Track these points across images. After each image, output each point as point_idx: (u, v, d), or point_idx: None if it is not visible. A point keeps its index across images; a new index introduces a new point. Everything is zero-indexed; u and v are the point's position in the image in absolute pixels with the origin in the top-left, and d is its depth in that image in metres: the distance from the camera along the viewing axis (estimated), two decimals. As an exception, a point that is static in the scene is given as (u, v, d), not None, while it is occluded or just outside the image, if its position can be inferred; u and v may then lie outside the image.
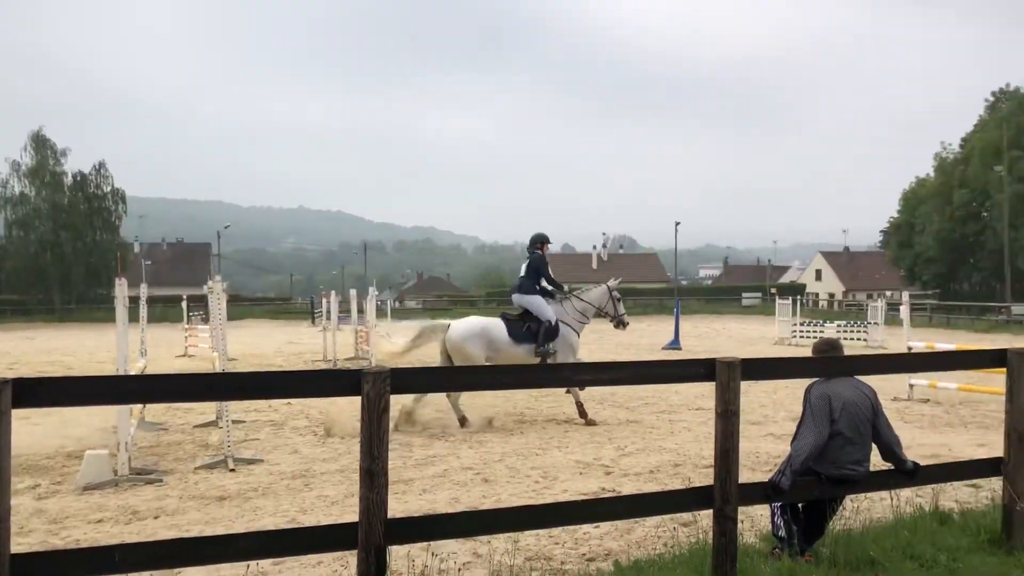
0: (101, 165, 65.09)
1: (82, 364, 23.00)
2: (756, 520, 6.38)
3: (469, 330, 12.00)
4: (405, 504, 7.35)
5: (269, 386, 4.69)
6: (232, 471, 9.04)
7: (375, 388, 4.19)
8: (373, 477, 4.18)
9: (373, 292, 22.40)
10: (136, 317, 13.32)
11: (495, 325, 12.21)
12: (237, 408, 11.97)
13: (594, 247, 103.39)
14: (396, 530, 4.34)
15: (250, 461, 9.48)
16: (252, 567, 5.16)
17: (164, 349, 25.56)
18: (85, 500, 7.87)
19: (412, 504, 7.47)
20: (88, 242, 62.79)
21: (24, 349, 30.01)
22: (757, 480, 5.62)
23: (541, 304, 12.35)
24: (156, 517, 7.23)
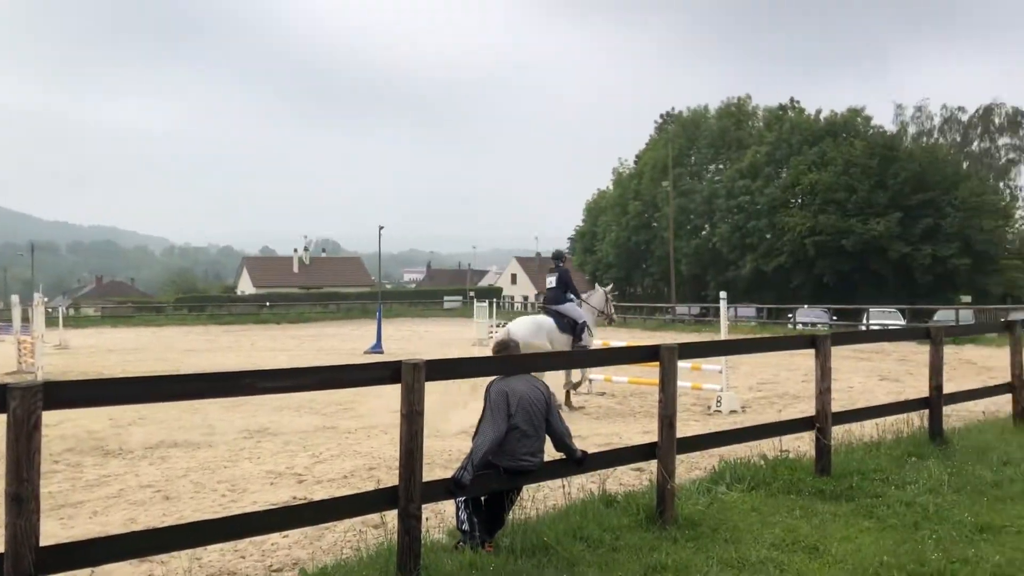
0: None
1: None
2: (447, 517, 6.58)
3: (528, 329, 13.41)
4: (71, 530, 6.71)
5: None
6: None
7: (24, 405, 3.78)
8: (21, 503, 3.78)
9: (40, 298, 20.19)
10: None
11: (548, 320, 13.84)
12: None
13: (295, 250, 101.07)
14: (51, 558, 3.95)
15: None
16: None
17: None
18: None
19: (80, 529, 6.83)
20: None
21: None
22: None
23: (575, 309, 14.17)
24: None
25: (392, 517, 5.09)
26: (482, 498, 5.63)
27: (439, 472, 8.09)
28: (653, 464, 6.32)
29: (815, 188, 57.44)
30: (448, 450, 9.90)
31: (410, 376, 4.91)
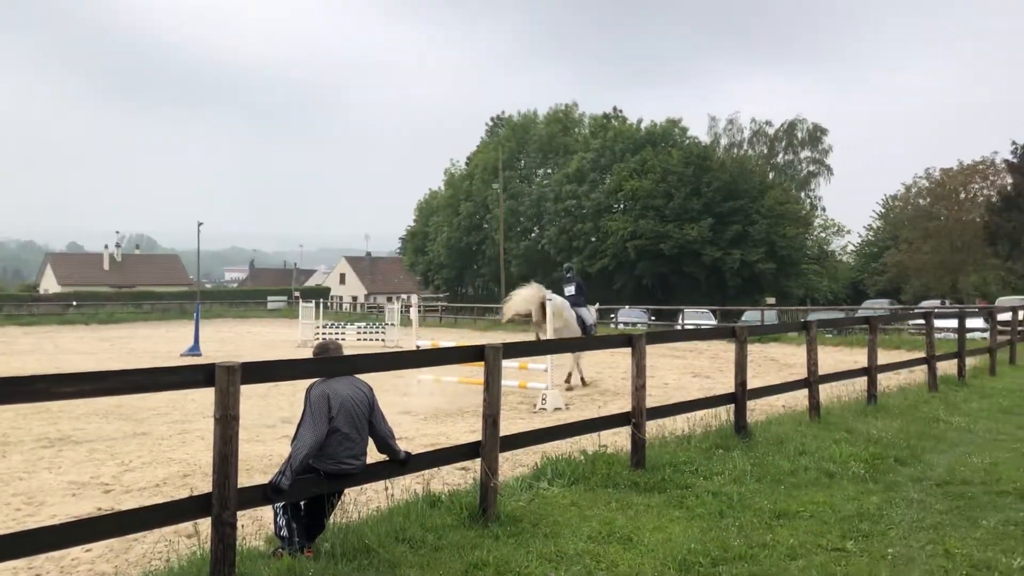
0: None
1: None
2: (266, 523, 6.37)
3: (565, 304, 16.43)
4: None
5: None
6: None
7: None
8: None
9: None
10: None
11: (572, 311, 16.69)
12: None
13: (106, 246, 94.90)
14: None
15: None
16: None
17: None
18: None
19: None
20: None
21: None
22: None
23: (589, 315, 17.38)
24: None
25: (206, 525, 4.88)
26: (302, 503, 5.50)
27: (259, 478, 7.83)
28: (478, 463, 6.39)
29: (636, 194, 59.95)
30: (269, 455, 9.61)
31: (224, 379, 4.73)
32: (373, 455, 5.73)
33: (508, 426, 9.53)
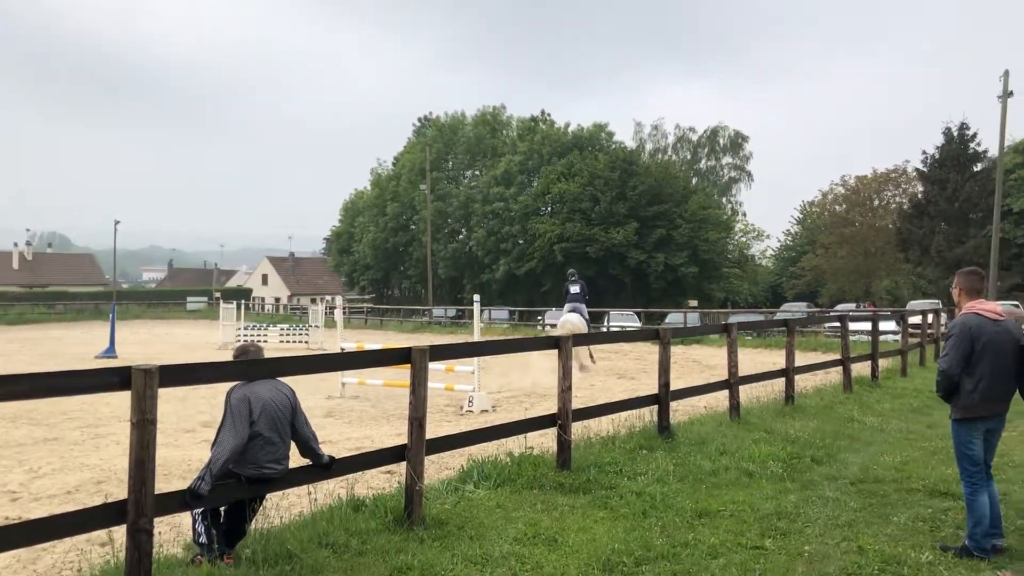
0: None
1: None
2: (184, 530, 6.21)
3: (581, 320, 18.09)
4: None
5: None
6: None
7: None
8: None
9: None
10: None
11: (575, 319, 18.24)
12: None
13: (16, 244, 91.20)
14: None
15: None
16: None
17: None
18: None
19: None
20: None
21: None
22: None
23: (586, 312, 18.86)
24: None
25: (121, 533, 4.72)
26: (221, 508, 5.37)
27: (177, 483, 7.64)
28: (403, 466, 6.33)
29: (563, 197, 60.40)
30: (187, 459, 9.38)
31: (141, 382, 4.59)
32: (296, 459, 5.63)
33: (434, 429, 9.50)
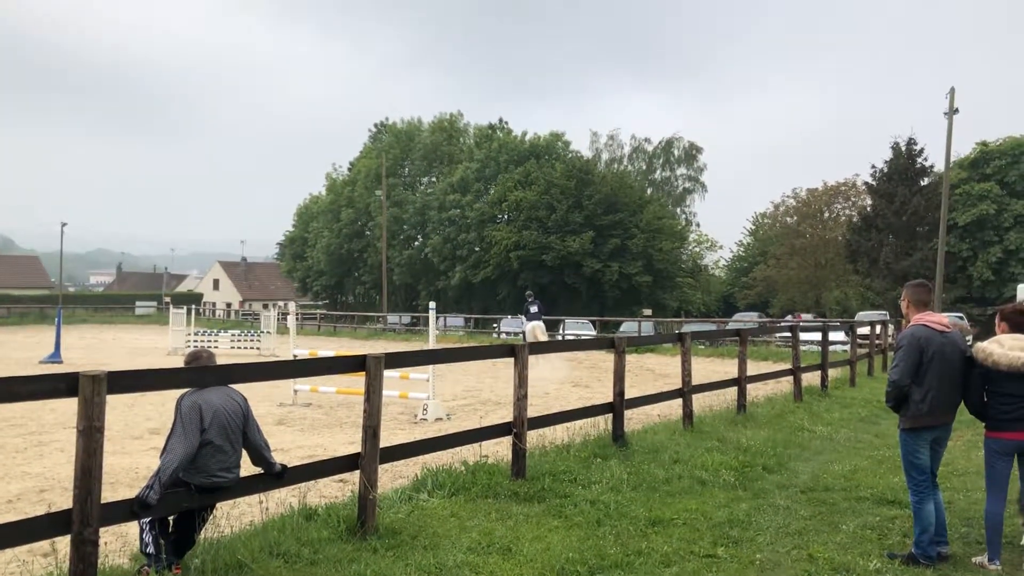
0: None
1: None
2: (131, 540, 6.08)
3: (541, 325, 24.63)
4: None
5: None
6: None
7: None
8: None
9: None
10: None
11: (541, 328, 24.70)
12: None
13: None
14: None
15: None
16: None
17: None
18: None
19: None
20: None
21: None
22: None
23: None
24: None
25: (65, 543, 4.60)
26: (170, 518, 5.26)
27: (124, 492, 7.48)
28: (357, 475, 6.27)
29: (520, 205, 60.51)
30: (136, 467, 9.19)
31: (89, 389, 4.48)
32: (248, 467, 5.55)
33: (388, 437, 9.43)
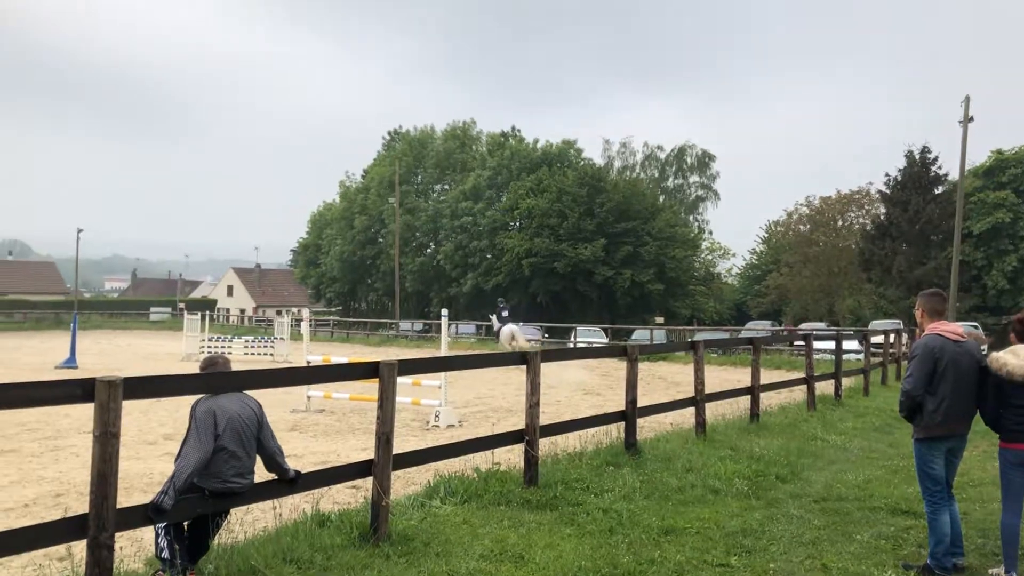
0: None
1: None
2: (146, 544, 6.11)
3: (517, 329, 26.99)
4: None
5: None
6: None
7: None
8: None
9: None
10: None
11: (518, 329, 27.12)
12: None
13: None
14: None
15: None
16: None
17: None
18: None
19: None
20: None
21: None
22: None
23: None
24: None
25: (81, 548, 4.63)
26: (185, 523, 5.29)
27: (139, 497, 7.53)
28: (370, 481, 6.28)
29: (532, 213, 60.58)
30: (150, 472, 9.24)
31: (105, 394, 4.51)
32: (261, 473, 5.57)
33: (401, 444, 9.43)
